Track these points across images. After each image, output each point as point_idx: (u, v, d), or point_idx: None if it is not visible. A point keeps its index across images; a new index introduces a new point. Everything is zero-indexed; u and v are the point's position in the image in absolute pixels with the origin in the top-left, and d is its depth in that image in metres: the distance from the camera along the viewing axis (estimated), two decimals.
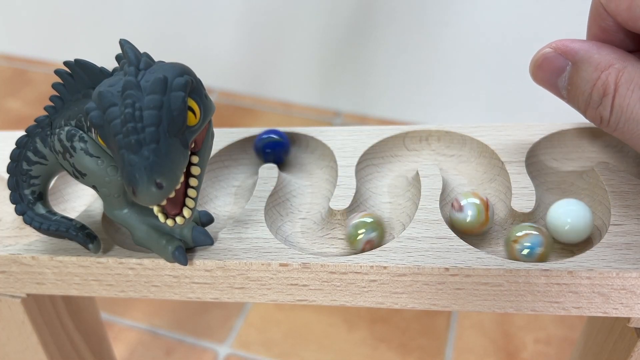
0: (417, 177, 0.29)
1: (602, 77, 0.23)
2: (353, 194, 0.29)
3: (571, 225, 0.25)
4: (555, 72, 0.25)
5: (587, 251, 0.24)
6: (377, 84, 0.99)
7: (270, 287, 0.26)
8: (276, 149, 0.31)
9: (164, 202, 0.23)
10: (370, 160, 0.31)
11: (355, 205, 0.29)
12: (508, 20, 0.85)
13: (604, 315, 0.25)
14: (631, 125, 0.23)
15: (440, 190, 0.28)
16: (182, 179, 0.22)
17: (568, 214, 0.26)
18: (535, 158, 0.30)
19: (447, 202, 0.29)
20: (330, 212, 0.28)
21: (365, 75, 0.99)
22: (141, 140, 0.21)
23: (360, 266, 0.25)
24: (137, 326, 0.69)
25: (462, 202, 0.27)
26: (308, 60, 1.01)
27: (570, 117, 0.30)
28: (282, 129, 0.33)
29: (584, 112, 0.25)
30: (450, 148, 0.32)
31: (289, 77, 1.04)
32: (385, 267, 0.25)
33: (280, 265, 0.26)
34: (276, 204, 0.29)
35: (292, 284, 0.26)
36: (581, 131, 0.31)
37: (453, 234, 0.26)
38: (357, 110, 1.03)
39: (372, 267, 0.25)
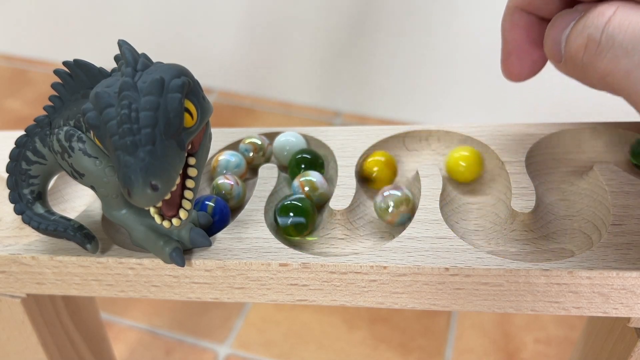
0: (417, 177, 0.29)
1: (602, 8, 0.21)
2: (353, 194, 0.29)
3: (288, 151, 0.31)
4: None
5: (587, 251, 0.24)
6: (377, 84, 0.99)
7: (270, 287, 0.26)
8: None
9: (160, 204, 0.23)
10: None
11: (355, 205, 0.29)
12: None
13: (604, 315, 0.25)
14: (629, 43, 0.21)
15: (440, 190, 0.28)
16: (178, 180, 0.22)
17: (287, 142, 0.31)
18: (535, 158, 0.30)
19: (447, 202, 0.29)
20: (331, 212, 0.28)
21: (365, 75, 0.99)
22: (137, 141, 0.21)
23: (360, 266, 0.25)
24: (137, 326, 0.69)
25: None
26: (308, 60, 1.01)
27: (570, 117, 0.30)
28: (282, 129, 0.33)
29: (574, 40, 0.22)
30: (450, 148, 0.32)
31: (289, 77, 1.04)
32: (385, 267, 0.25)
33: (280, 265, 0.26)
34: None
35: (292, 284, 0.26)
36: (581, 131, 0.31)
37: (453, 234, 0.26)
38: (357, 110, 1.03)
39: (372, 267, 0.25)
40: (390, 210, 0.27)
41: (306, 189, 0.29)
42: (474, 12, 0.86)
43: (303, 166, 0.30)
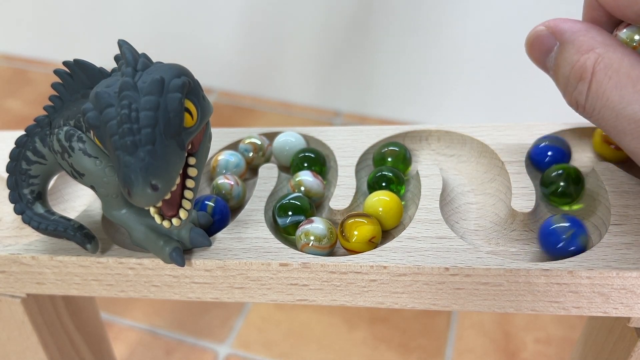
0: (417, 177, 0.29)
1: (581, 60, 0.22)
2: (353, 194, 0.29)
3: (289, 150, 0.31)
4: (544, 51, 0.24)
5: (587, 251, 0.24)
6: (377, 84, 0.99)
7: (270, 287, 0.26)
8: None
9: (160, 204, 0.23)
10: (370, 160, 0.31)
11: (355, 205, 0.29)
12: (508, 21, 0.85)
13: (604, 315, 0.25)
14: (606, 113, 0.22)
15: (440, 190, 0.28)
16: (178, 180, 0.22)
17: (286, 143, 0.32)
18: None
19: (447, 202, 0.29)
20: (331, 212, 0.28)
21: (365, 75, 0.99)
22: (137, 141, 0.21)
23: (360, 266, 0.25)
24: (137, 326, 0.69)
25: None
26: (308, 60, 1.01)
27: (570, 117, 0.30)
28: (282, 128, 0.33)
29: (563, 95, 0.24)
30: (450, 148, 0.32)
31: (289, 77, 1.04)
32: (385, 267, 0.25)
33: (280, 265, 0.26)
34: None
35: (292, 284, 0.26)
36: (581, 131, 0.31)
37: (453, 234, 0.26)
38: (357, 110, 1.03)
39: (372, 267, 0.25)
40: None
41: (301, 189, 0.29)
42: (474, 12, 0.86)
43: (306, 165, 0.30)
